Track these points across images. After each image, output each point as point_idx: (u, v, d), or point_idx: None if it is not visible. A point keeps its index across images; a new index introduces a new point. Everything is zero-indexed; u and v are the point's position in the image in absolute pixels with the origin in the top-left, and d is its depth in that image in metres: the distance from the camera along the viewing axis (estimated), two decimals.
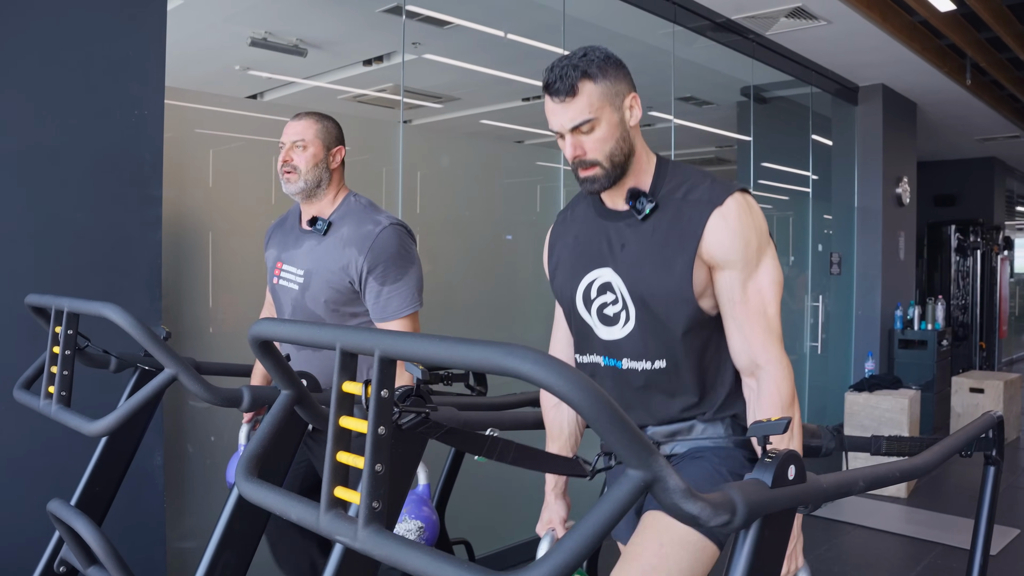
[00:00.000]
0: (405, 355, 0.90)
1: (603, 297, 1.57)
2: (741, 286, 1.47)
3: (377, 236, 2.16)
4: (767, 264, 1.50)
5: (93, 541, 1.69)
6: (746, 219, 1.48)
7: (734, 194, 1.50)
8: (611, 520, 0.77)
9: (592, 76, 1.46)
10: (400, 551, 0.87)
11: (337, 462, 0.97)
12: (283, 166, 2.23)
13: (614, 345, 1.57)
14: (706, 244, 1.47)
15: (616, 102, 1.48)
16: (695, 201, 1.50)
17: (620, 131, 1.49)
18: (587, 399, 0.75)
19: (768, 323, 1.47)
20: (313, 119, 2.29)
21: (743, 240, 1.47)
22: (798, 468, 1.00)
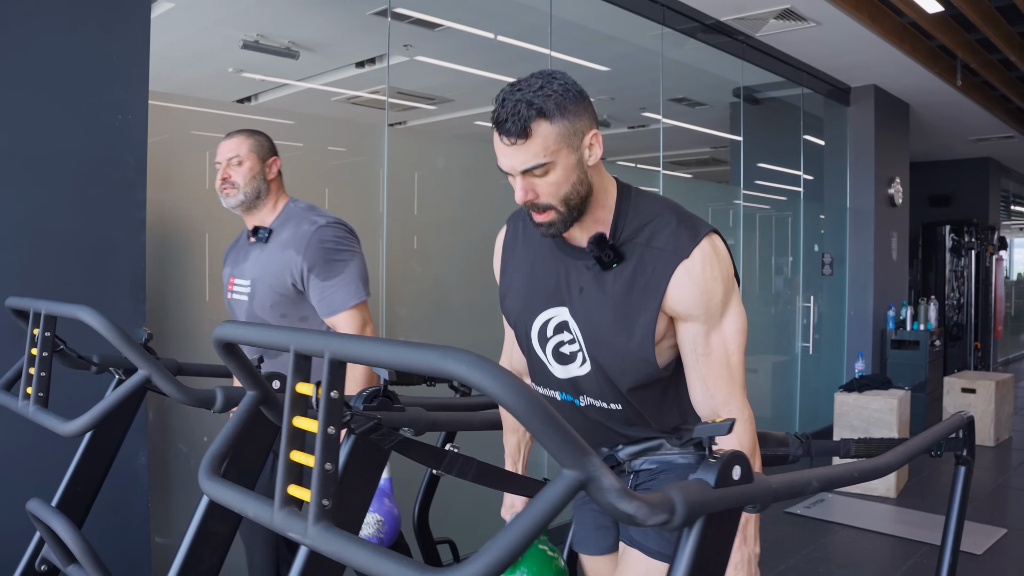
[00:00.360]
0: (354, 358, 0.92)
1: (559, 336, 1.50)
2: (704, 337, 1.42)
3: (313, 235, 2.23)
4: (731, 313, 1.43)
5: (70, 540, 1.71)
6: (711, 272, 1.40)
7: (700, 243, 1.40)
8: (544, 519, 0.79)
9: (548, 115, 1.32)
10: (346, 547, 0.89)
11: (291, 461, 0.99)
12: (222, 184, 2.30)
13: (570, 383, 1.52)
14: (670, 299, 1.40)
15: (574, 142, 1.35)
16: (659, 250, 1.41)
17: (577, 173, 1.37)
18: (520, 402, 0.77)
19: (731, 374, 1.43)
20: (244, 135, 2.34)
21: (708, 294, 1.40)
22: (744, 469, 1.02)
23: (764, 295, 6.22)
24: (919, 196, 10.34)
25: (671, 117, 6.58)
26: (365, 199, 3.47)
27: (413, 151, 3.78)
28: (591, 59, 5.41)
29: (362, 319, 2.26)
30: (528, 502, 0.82)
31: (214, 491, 1.11)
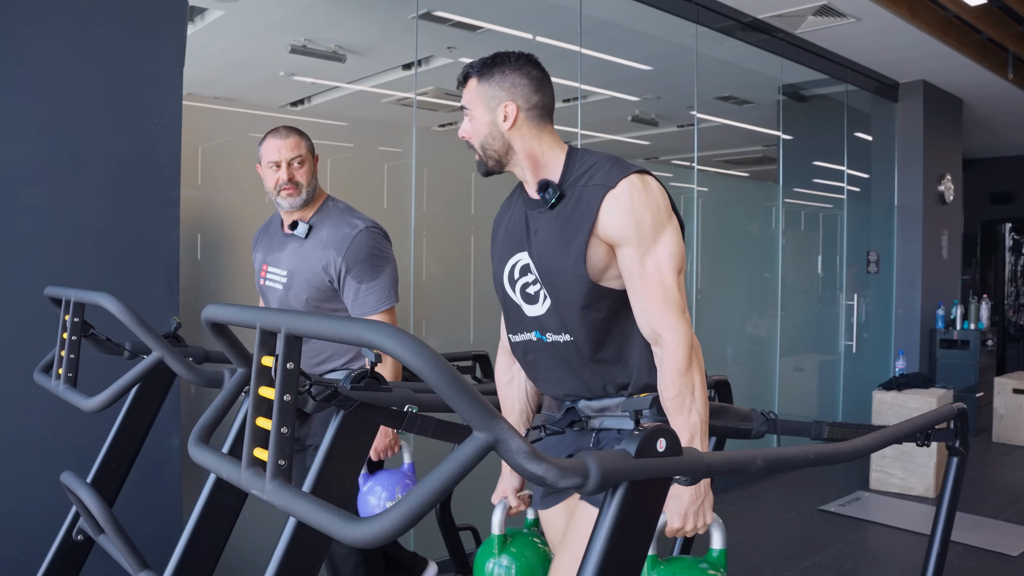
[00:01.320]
0: (303, 332, 1.03)
1: (524, 277, 1.71)
2: (639, 261, 1.58)
3: (354, 238, 2.34)
4: (665, 239, 1.59)
5: (97, 511, 1.86)
6: (639, 198, 1.59)
7: (629, 176, 1.60)
8: (453, 478, 0.88)
9: (478, 76, 1.68)
10: (295, 502, 1.00)
11: (256, 426, 1.10)
12: (286, 184, 2.37)
13: (538, 321, 1.71)
14: (601, 224, 1.59)
15: (491, 104, 1.67)
16: (593, 186, 1.62)
17: (490, 129, 1.68)
18: (430, 367, 0.87)
19: (666, 293, 1.57)
20: (298, 134, 2.43)
21: (635, 218, 1.58)
22: (670, 441, 1.09)
23: (808, 293, 6.17)
24: (980, 193, 10.07)
25: (719, 115, 6.58)
26: (399, 198, 3.60)
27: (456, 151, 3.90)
28: (631, 58, 5.45)
29: (390, 322, 2.38)
30: (443, 460, 0.91)
31: (197, 456, 1.23)
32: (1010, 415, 6.44)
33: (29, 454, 2.38)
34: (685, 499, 1.48)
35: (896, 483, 5.04)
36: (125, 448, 2.20)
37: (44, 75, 2.39)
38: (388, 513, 0.88)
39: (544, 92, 1.70)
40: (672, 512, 1.49)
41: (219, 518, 1.78)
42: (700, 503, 1.49)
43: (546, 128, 1.71)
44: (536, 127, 1.69)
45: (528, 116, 1.68)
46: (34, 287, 2.35)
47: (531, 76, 1.68)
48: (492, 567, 1.91)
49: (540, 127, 1.70)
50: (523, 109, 1.67)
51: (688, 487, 1.48)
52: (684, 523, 1.48)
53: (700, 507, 1.49)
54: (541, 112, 1.70)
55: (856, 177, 6.65)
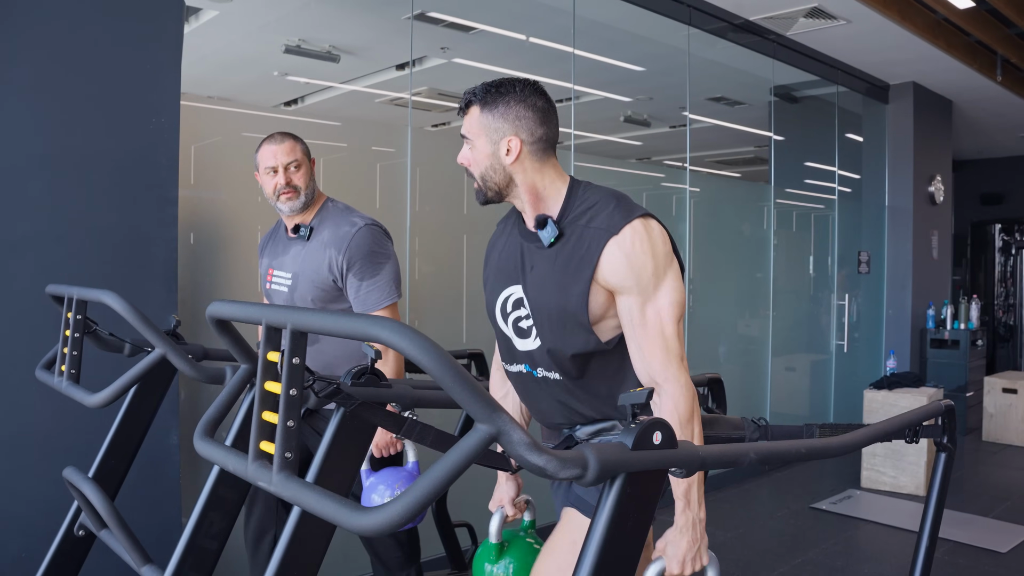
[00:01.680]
0: (308, 328, 1.06)
1: (517, 311, 1.68)
2: (640, 309, 1.55)
3: (353, 236, 2.38)
4: (666, 287, 1.56)
5: (100, 505, 1.89)
6: (641, 246, 1.55)
7: (632, 222, 1.56)
8: (456, 470, 0.91)
9: (480, 105, 1.62)
10: (302, 493, 1.03)
11: (263, 420, 1.13)
12: (284, 188, 2.41)
13: (529, 356, 1.68)
14: (602, 271, 1.55)
15: (493, 137, 1.61)
16: (595, 228, 1.57)
17: (491, 161, 1.62)
18: (434, 362, 0.90)
19: (666, 343, 1.54)
20: (293, 139, 2.47)
21: (638, 267, 1.54)
22: (665, 435, 1.12)
23: (800, 293, 6.22)
24: (970, 194, 10.15)
25: (711, 116, 6.62)
26: (394, 198, 3.63)
27: (449, 151, 3.93)
28: (624, 59, 5.49)
29: (394, 315, 2.43)
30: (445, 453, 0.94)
31: (204, 450, 1.26)
32: (999, 414, 6.51)
33: (29, 451, 2.40)
34: (683, 546, 1.48)
35: (887, 481, 5.09)
36: (125, 444, 2.22)
37: (43, 75, 2.41)
38: (393, 503, 0.91)
39: (549, 124, 1.64)
40: (671, 558, 1.48)
41: (221, 512, 1.80)
42: (697, 549, 1.48)
43: (549, 161, 1.65)
44: (539, 160, 1.64)
45: (532, 150, 1.62)
46: (34, 285, 2.37)
47: (536, 108, 1.62)
48: (489, 567, 1.94)
49: (543, 160, 1.64)
50: (527, 143, 1.61)
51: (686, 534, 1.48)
52: (683, 568, 1.47)
53: (697, 553, 1.48)
54: (545, 145, 1.64)
55: (847, 178, 6.71)
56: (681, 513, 1.48)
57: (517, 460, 0.96)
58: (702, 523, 1.49)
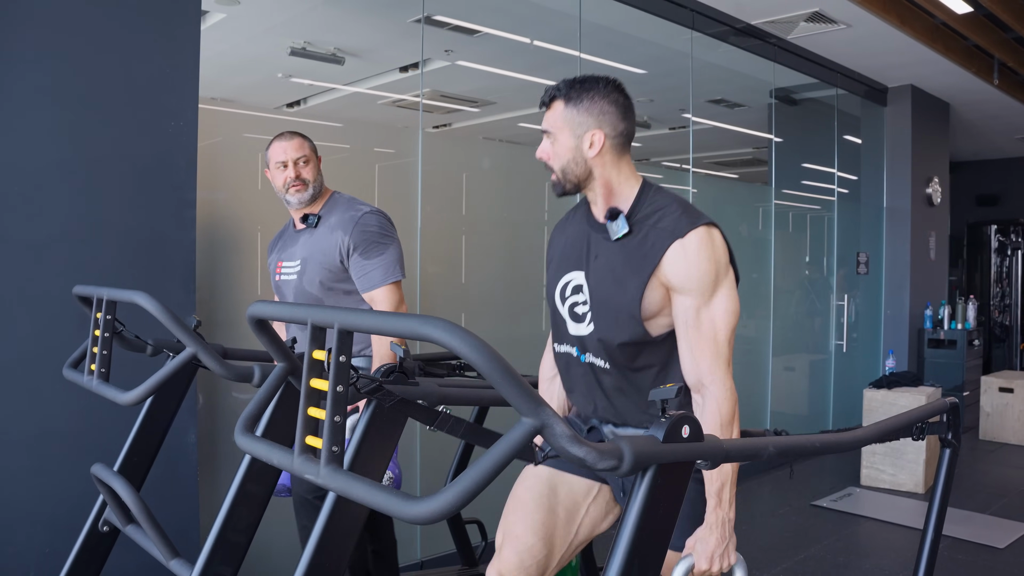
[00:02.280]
0: (357, 327, 1.11)
1: (575, 296, 1.75)
2: (695, 312, 1.61)
3: (359, 219, 2.52)
4: (722, 294, 1.62)
5: (129, 500, 1.93)
6: (705, 252, 1.61)
7: (698, 228, 1.62)
8: (504, 459, 0.96)
9: (565, 100, 1.67)
10: (349, 484, 1.08)
11: (308, 416, 1.18)
12: (294, 181, 2.54)
13: (579, 340, 1.75)
14: (663, 270, 1.62)
15: (577, 131, 1.66)
16: (661, 229, 1.64)
17: (574, 154, 1.67)
18: (483, 358, 0.95)
19: (717, 348, 1.60)
20: (301, 137, 2.60)
21: (699, 271, 1.60)
22: (693, 429, 1.18)
23: (799, 294, 6.29)
24: (966, 196, 10.23)
25: (711, 118, 6.68)
26: (402, 199, 3.68)
27: (450, 153, 3.98)
28: (626, 62, 5.54)
29: (398, 296, 2.53)
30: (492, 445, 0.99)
31: (246, 445, 1.31)
32: (996, 413, 6.58)
33: (54, 449, 2.44)
34: (711, 543, 1.55)
35: (886, 479, 5.16)
36: (148, 442, 2.26)
37: (66, 81, 2.45)
38: (445, 492, 0.96)
39: (629, 120, 1.69)
40: (700, 555, 1.55)
41: (249, 507, 1.85)
42: (725, 546, 1.55)
43: (625, 157, 1.72)
44: (617, 156, 1.70)
45: (612, 144, 1.68)
46: (57, 286, 2.42)
47: (618, 103, 1.68)
48: None
49: (621, 156, 1.70)
50: (609, 137, 1.67)
51: (714, 532, 1.55)
52: (711, 565, 1.53)
53: (725, 550, 1.55)
54: (624, 140, 1.70)
55: (846, 179, 6.78)
56: (712, 511, 1.55)
57: (559, 452, 1.01)
58: (731, 523, 1.55)
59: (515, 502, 1.85)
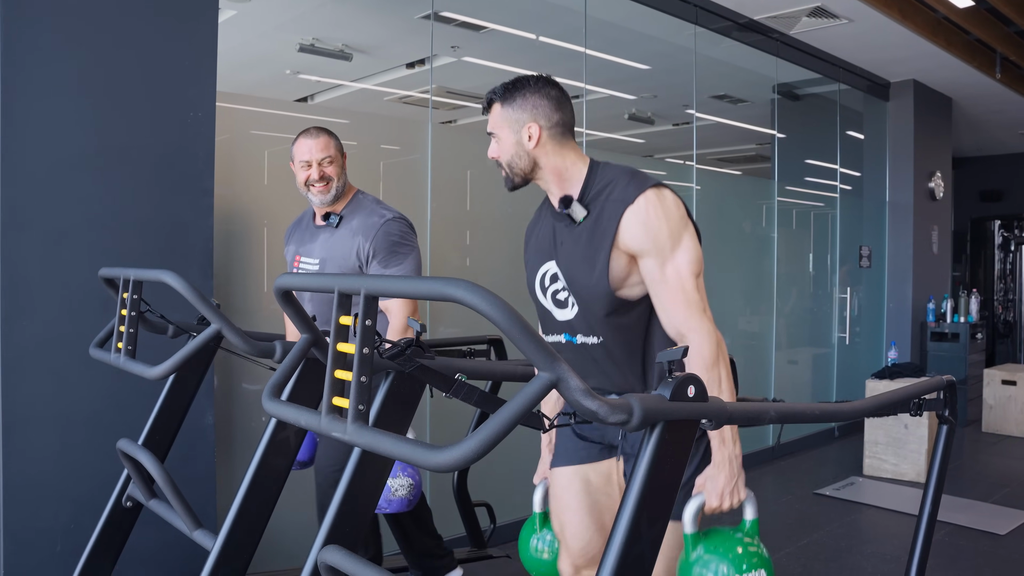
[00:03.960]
0: (382, 292, 1.18)
1: (554, 285, 1.86)
2: (660, 269, 1.71)
3: (381, 227, 2.54)
4: (683, 247, 1.71)
5: (155, 472, 2.01)
6: (655, 212, 1.71)
7: (645, 192, 1.72)
8: (522, 411, 1.03)
9: (500, 102, 1.81)
10: (376, 439, 1.15)
11: (335, 378, 1.26)
12: (317, 181, 2.56)
13: (568, 324, 1.85)
14: (621, 238, 1.72)
15: (514, 127, 1.80)
16: (613, 201, 1.74)
17: (516, 149, 1.81)
18: (504, 316, 1.02)
19: (687, 297, 1.69)
20: (327, 135, 2.62)
21: (653, 231, 1.70)
22: (698, 389, 1.25)
23: (801, 288, 6.35)
24: (969, 191, 10.28)
25: (714, 114, 6.74)
26: (417, 194, 3.75)
27: (457, 148, 4.05)
28: (630, 58, 5.62)
29: (413, 305, 2.57)
30: (512, 397, 1.06)
31: (274, 409, 1.38)
32: (999, 405, 6.64)
33: (77, 428, 2.52)
34: (721, 481, 1.63)
35: (888, 468, 5.22)
36: (170, 419, 2.34)
37: (89, 74, 2.53)
38: (465, 442, 1.03)
39: (564, 110, 1.81)
40: (710, 493, 1.63)
41: (271, 478, 1.93)
42: (734, 483, 1.63)
43: (568, 143, 1.83)
44: (558, 143, 1.81)
45: (551, 134, 1.80)
46: (81, 271, 2.50)
47: (550, 96, 1.80)
48: (536, 542, 2.09)
49: (562, 143, 1.82)
50: (545, 128, 1.79)
51: (723, 470, 1.63)
52: (721, 502, 1.62)
53: (734, 487, 1.63)
54: (563, 129, 1.81)
55: (848, 175, 6.84)
56: (717, 450, 1.63)
57: (572, 405, 1.08)
58: (738, 459, 1.64)
59: (559, 504, 1.98)
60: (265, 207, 3.24)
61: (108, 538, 2.32)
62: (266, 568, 3.07)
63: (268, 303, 3.23)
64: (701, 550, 1.54)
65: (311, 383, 1.91)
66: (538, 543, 2.07)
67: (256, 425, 3.18)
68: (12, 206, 2.40)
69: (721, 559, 1.53)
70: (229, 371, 3.12)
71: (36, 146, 2.44)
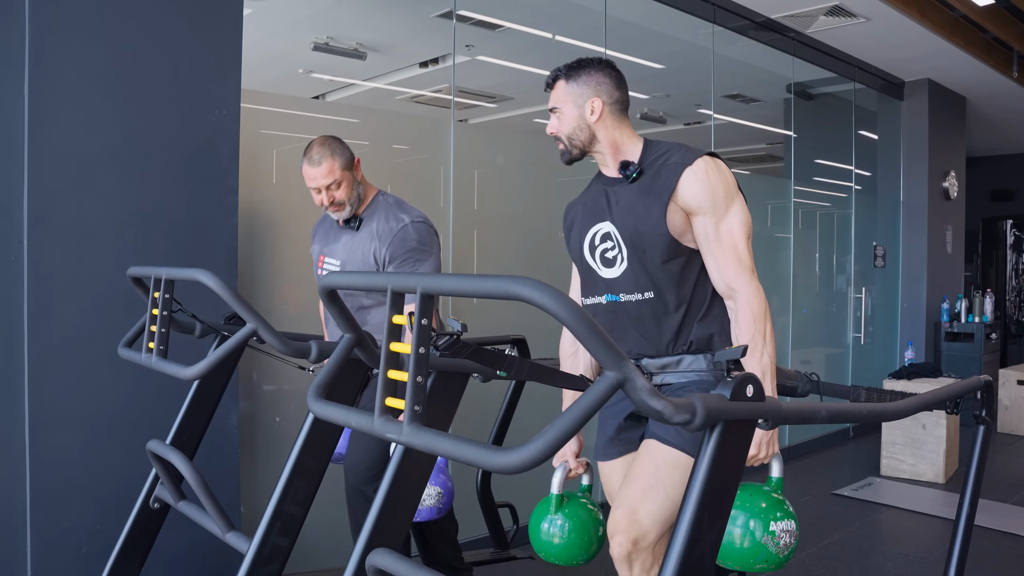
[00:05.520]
0: (440, 291, 1.16)
1: (604, 244, 1.94)
2: (714, 227, 1.82)
3: (399, 231, 2.54)
4: (735, 210, 1.84)
5: (187, 472, 1.99)
6: (713, 174, 1.83)
7: (703, 156, 1.85)
8: (590, 410, 1.01)
9: (565, 78, 1.92)
10: (435, 441, 1.13)
11: (388, 378, 1.23)
12: (330, 206, 2.55)
13: (613, 282, 1.93)
14: (679, 194, 1.83)
15: (578, 101, 1.91)
16: (672, 164, 1.87)
17: (578, 122, 1.92)
18: (574, 316, 1.00)
19: (738, 255, 1.80)
20: (329, 158, 2.52)
21: (710, 190, 1.82)
22: (756, 388, 1.22)
23: (817, 287, 6.32)
24: (981, 191, 10.24)
25: (727, 114, 6.72)
26: (430, 193, 3.73)
27: (476, 147, 4.03)
28: (646, 57, 5.59)
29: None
30: (578, 397, 1.05)
31: (321, 410, 1.36)
32: (1015, 406, 6.60)
33: (103, 428, 2.50)
34: (759, 431, 1.68)
35: (906, 469, 5.19)
36: (197, 420, 2.32)
37: (116, 72, 2.51)
38: (534, 442, 1.01)
39: (623, 89, 1.94)
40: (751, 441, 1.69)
41: (305, 480, 1.91)
42: (772, 434, 1.74)
43: (624, 121, 1.95)
44: (617, 119, 1.94)
45: (611, 110, 1.92)
46: (106, 269, 2.48)
47: (612, 76, 1.93)
48: (547, 525, 2.06)
49: (620, 119, 1.94)
50: (607, 104, 1.91)
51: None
52: (759, 451, 1.72)
53: (771, 438, 1.74)
54: (621, 107, 1.94)
55: (862, 174, 6.81)
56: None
57: (638, 404, 1.06)
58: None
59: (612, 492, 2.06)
60: (276, 207, 3.21)
61: (135, 540, 2.30)
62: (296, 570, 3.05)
63: (280, 303, 3.21)
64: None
65: (346, 384, 1.89)
66: (550, 527, 2.05)
67: (276, 425, 3.17)
68: (39, 204, 2.38)
69: (755, 508, 1.66)
70: (248, 371, 3.10)
71: (63, 145, 2.42)
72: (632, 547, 1.80)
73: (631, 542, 1.79)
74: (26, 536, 2.38)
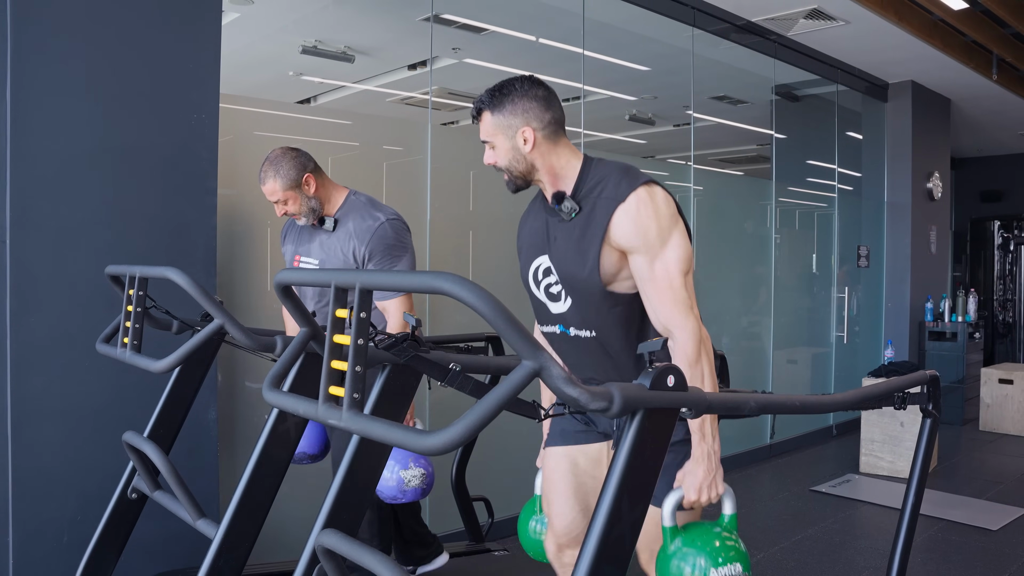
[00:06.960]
0: (374, 286, 1.24)
1: (548, 278, 1.90)
2: (649, 266, 1.74)
3: (376, 230, 2.63)
4: (672, 244, 1.74)
5: (159, 462, 2.07)
6: (645, 211, 1.74)
7: (637, 190, 1.75)
8: (506, 398, 1.09)
9: (490, 110, 1.83)
10: (369, 425, 1.21)
11: (331, 368, 1.32)
12: (286, 216, 2.68)
13: (561, 317, 1.90)
14: (612, 235, 1.76)
15: (508, 132, 1.82)
16: (605, 198, 1.78)
17: (513, 153, 1.83)
18: (489, 307, 1.08)
19: (674, 294, 1.72)
20: (271, 178, 2.61)
21: (642, 229, 1.73)
22: (678, 379, 1.30)
23: (800, 287, 6.40)
24: (969, 192, 10.32)
25: (715, 115, 6.80)
26: (412, 194, 3.81)
27: (457, 149, 4.11)
28: (630, 59, 5.68)
29: (409, 305, 2.67)
30: (495, 387, 1.12)
31: (274, 399, 1.44)
32: (996, 404, 6.68)
33: (83, 422, 2.58)
34: (699, 475, 1.68)
35: (885, 466, 5.27)
36: (174, 413, 2.40)
37: (96, 76, 2.59)
38: (453, 426, 1.09)
39: (553, 108, 1.83)
40: (689, 487, 1.68)
41: (271, 468, 1.99)
42: (712, 477, 1.67)
43: (560, 141, 1.86)
44: (552, 142, 1.84)
45: (544, 135, 1.82)
46: (87, 268, 2.56)
47: (538, 97, 1.82)
48: (534, 524, 2.16)
49: (555, 142, 1.84)
50: (538, 129, 1.81)
51: (701, 464, 1.68)
52: (699, 495, 1.66)
53: (712, 481, 1.67)
54: (555, 127, 1.84)
55: (847, 175, 6.89)
56: (697, 445, 1.68)
57: (554, 391, 1.14)
58: (717, 455, 1.69)
59: (548, 484, 2.08)
60: (268, 208, 3.29)
61: (114, 529, 2.38)
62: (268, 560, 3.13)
63: (271, 302, 3.30)
64: (679, 542, 1.60)
65: (311, 376, 1.97)
66: (536, 525, 2.14)
67: (258, 422, 3.25)
68: (22, 205, 2.46)
69: (699, 552, 1.58)
70: (232, 369, 3.19)
71: (45, 146, 2.50)
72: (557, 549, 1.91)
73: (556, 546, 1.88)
74: (8, 527, 2.46)
